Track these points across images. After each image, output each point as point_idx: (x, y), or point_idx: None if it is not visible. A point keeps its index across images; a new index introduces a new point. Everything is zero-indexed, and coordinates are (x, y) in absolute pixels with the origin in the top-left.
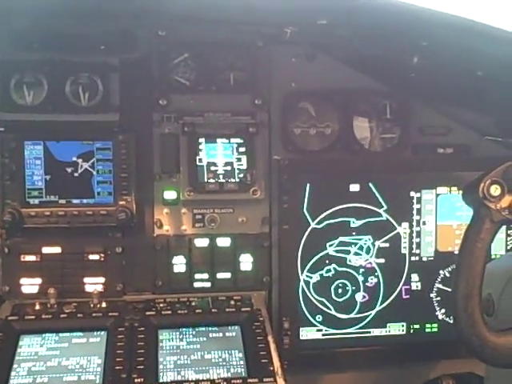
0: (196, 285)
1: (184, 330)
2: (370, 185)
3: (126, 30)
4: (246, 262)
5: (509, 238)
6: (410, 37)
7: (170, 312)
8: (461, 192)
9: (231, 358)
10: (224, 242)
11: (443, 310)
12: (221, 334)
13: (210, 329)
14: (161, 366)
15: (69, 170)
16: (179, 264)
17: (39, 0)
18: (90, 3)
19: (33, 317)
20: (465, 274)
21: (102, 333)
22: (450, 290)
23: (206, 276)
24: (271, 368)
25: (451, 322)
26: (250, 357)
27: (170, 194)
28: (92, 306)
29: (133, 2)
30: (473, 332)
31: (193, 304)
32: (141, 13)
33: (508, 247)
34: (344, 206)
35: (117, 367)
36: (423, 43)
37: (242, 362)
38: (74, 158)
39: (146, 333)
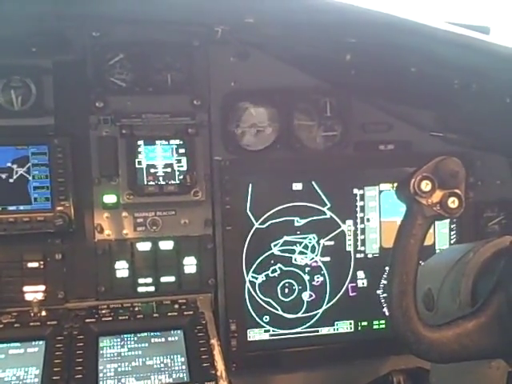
0: (140, 289)
1: (125, 336)
2: (313, 183)
3: (58, 32)
4: (190, 264)
5: (452, 233)
6: (336, 34)
7: (111, 318)
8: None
9: (173, 364)
10: (167, 245)
11: None
12: (163, 339)
13: (152, 334)
14: (101, 374)
15: (3, 176)
16: (122, 269)
17: None
18: (20, 5)
19: None
20: (399, 270)
21: (41, 342)
22: None
23: (149, 280)
24: (213, 372)
25: None
26: (193, 361)
27: (110, 198)
28: (32, 315)
29: (64, 4)
30: (408, 328)
31: (136, 309)
32: (72, 14)
33: (451, 242)
34: (287, 205)
35: (54, 377)
36: (351, 40)
37: (184, 367)
38: (9, 164)
39: (85, 341)
